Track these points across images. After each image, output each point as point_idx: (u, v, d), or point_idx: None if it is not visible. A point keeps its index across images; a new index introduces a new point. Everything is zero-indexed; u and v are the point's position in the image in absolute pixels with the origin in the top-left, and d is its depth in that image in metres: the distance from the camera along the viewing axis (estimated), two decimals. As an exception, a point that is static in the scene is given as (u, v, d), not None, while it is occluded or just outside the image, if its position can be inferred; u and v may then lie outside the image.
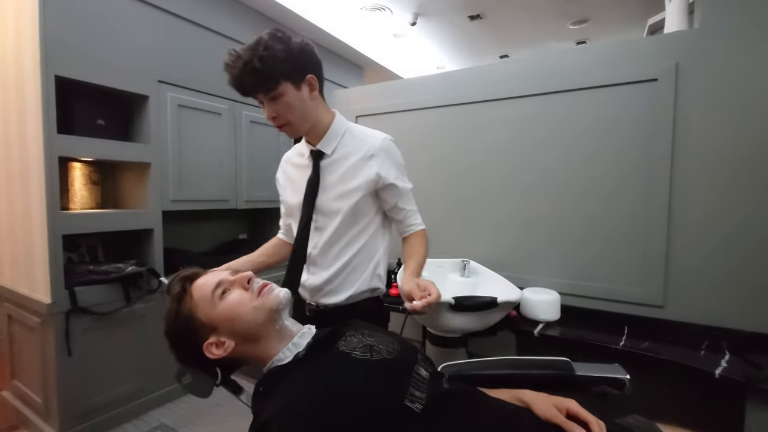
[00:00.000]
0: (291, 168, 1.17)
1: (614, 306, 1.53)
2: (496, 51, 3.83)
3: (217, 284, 0.73)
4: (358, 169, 1.04)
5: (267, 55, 0.89)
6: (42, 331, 1.81)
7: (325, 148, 1.05)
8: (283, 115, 0.97)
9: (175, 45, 2.17)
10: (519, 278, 1.68)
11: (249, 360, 0.74)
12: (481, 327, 1.43)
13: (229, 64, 0.92)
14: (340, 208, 1.04)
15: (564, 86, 1.61)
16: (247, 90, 0.94)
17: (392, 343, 0.78)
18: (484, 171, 1.82)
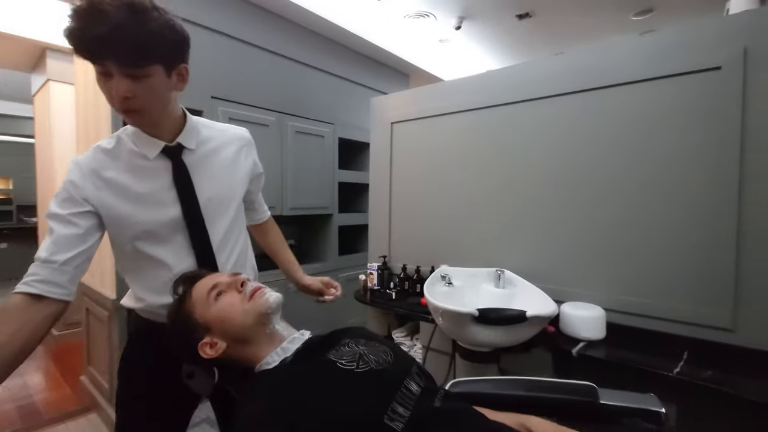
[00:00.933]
0: (118, 174, 0.84)
1: (671, 327, 1.34)
2: (549, 49, 3.62)
3: (213, 286, 0.75)
4: (237, 160, 1.00)
5: (155, 28, 0.72)
6: (109, 323, 2.02)
7: (187, 143, 0.89)
8: (141, 99, 0.76)
9: (226, 62, 2.34)
10: (559, 291, 1.54)
11: (241, 361, 0.75)
12: (512, 342, 1.33)
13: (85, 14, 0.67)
14: (229, 204, 0.96)
15: (612, 80, 1.46)
16: (104, 55, 0.70)
17: (386, 353, 0.75)
18: (523, 175, 1.71)
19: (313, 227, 3.15)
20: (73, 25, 0.68)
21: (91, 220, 0.82)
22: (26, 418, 2.14)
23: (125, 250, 0.89)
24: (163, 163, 0.87)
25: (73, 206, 0.80)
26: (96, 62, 0.71)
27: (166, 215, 0.87)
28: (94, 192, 0.82)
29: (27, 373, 2.70)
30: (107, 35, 0.67)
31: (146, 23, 0.70)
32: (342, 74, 3.09)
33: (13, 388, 2.50)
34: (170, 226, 0.87)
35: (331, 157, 3.01)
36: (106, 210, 0.83)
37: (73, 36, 0.68)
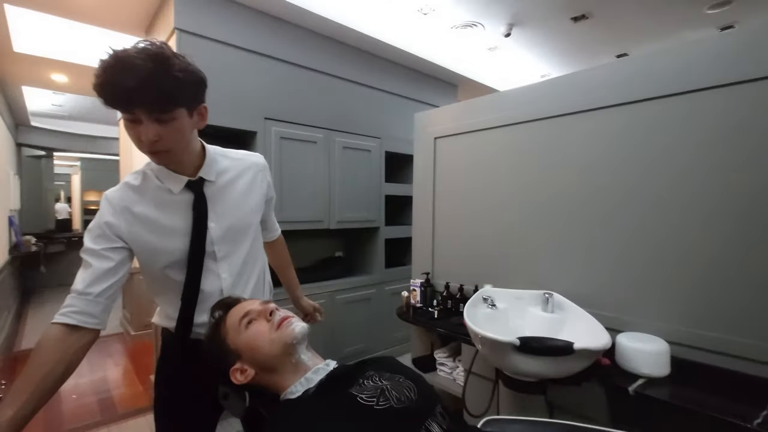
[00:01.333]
0: (146, 209, 0.90)
1: (752, 367, 1.16)
2: (611, 50, 3.39)
3: (245, 314, 0.79)
4: (253, 187, 1.06)
5: (177, 75, 0.77)
6: (173, 329, 2.20)
7: (208, 176, 0.95)
8: (167, 140, 0.81)
9: (277, 85, 2.47)
10: (616, 319, 1.41)
11: (268, 389, 0.77)
12: (559, 375, 1.24)
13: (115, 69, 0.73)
14: (247, 230, 1.03)
15: (688, 86, 1.32)
16: (134, 104, 0.76)
17: (409, 389, 0.73)
18: (575, 190, 1.60)
19: (360, 240, 3.19)
20: (103, 80, 0.73)
21: (123, 253, 0.89)
22: (105, 411, 2.39)
23: (156, 276, 0.95)
24: (187, 196, 0.92)
25: (107, 242, 0.87)
26: (126, 111, 0.77)
27: (174, 244, 0.92)
28: (127, 228, 0.89)
29: (108, 369, 3.02)
30: (137, 87, 0.73)
31: (170, 71, 0.75)
32: (388, 89, 3.12)
33: (96, 382, 2.80)
34: (176, 251, 0.92)
35: (377, 170, 3.04)
36: (138, 244, 0.90)
37: (105, 90, 0.74)
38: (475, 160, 1.95)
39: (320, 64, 2.67)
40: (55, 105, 4.99)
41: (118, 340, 3.69)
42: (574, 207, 1.60)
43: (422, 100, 3.38)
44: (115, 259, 0.87)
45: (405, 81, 3.25)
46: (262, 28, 2.37)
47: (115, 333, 3.86)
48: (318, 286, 2.70)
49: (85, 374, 2.92)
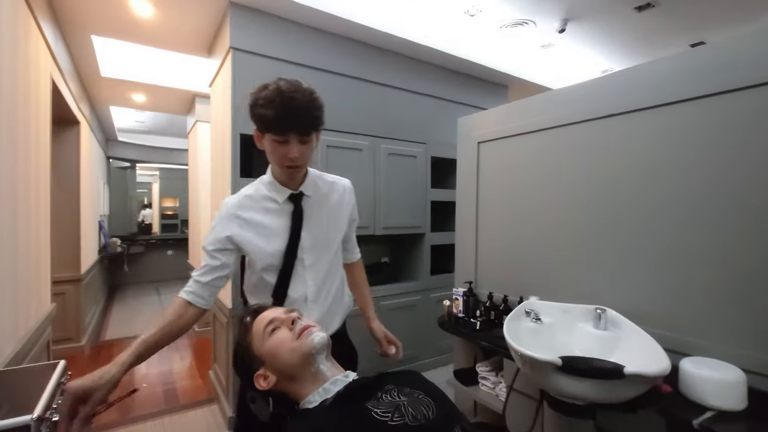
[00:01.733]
0: (255, 215, 1.09)
1: None
2: (683, 39, 3.06)
3: (270, 321, 0.81)
4: (341, 206, 1.22)
5: (320, 100, 1.01)
6: (227, 329, 2.34)
7: (307, 191, 1.13)
8: (303, 157, 1.03)
9: (324, 94, 2.50)
10: (679, 340, 1.26)
11: (290, 396, 0.79)
12: (608, 400, 1.12)
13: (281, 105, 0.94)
14: (332, 243, 1.19)
15: (756, 78, 1.16)
16: (291, 131, 0.97)
17: (427, 407, 0.70)
18: (633, 196, 1.45)
19: (406, 246, 3.18)
20: (270, 113, 0.95)
21: (230, 255, 1.09)
22: (169, 401, 2.61)
23: (255, 278, 1.14)
24: (288, 207, 1.11)
25: (219, 244, 1.08)
26: (281, 135, 0.97)
27: (274, 247, 1.10)
28: (238, 231, 1.08)
29: (174, 362, 3.29)
30: (299, 116, 0.96)
31: (316, 102, 1.00)
32: (434, 93, 3.09)
33: (163, 373, 3.07)
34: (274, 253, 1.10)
35: (423, 176, 3.01)
36: (246, 243, 1.08)
37: (271, 122, 0.96)
38: (519, 165, 1.86)
39: (365, 72, 2.72)
40: (138, 121, 5.59)
41: (186, 335, 4.01)
42: (630, 213, 1.46)
43: (470, 103, 3.30)
44: (222, 259, 1.08)
45: (451, 85, 3.20)
46: (308, 41, 2.46)
47: (182, 328, 4.19)
48: (363, 291, 2.72)
49: (155, 365, 3.21)
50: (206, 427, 2.26)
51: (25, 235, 1.73)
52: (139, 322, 4.44)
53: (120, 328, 4.24)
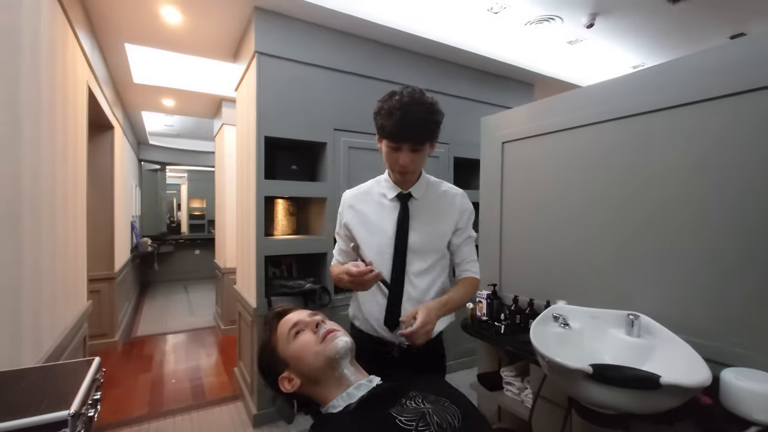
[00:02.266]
0: (365, 207, 1.21)
1: None
2: (722, 31, 2.91)
3: (294, 324, 0.81)
4: (447, 212, 1.20)
5: (438, 113, 1.06)
6: (252, 327, 2.38)
7: (416, 193, 1.18)
8: (414, 165, 1.08)
9: (345, 96, 2.56)
10: (719, 349, 1.19)
11: (313, 399, 0.79)
12: (642, 410, 1.07)
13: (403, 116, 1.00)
14: (435, 248, 1.18)
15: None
16: (406, 141, 1.03)
17: (453, 416, 0.69)
18: (668, 197, 1.39)
19: (429, 247, 3.15)
20: (388, 124, 1.02)
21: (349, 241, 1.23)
22: (196, 396, 2.68)
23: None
24: (395, 204, 1.18)
25: (342, 231, 1.26)
26: (396, 143, 1.05)
27: (386, 239, 1.16)
28: (350, 218, 1.23)
29: (201, 359, 3.38)
30: (412, 130, 1.02)
31: (434, 116, 1.04)
32: (457, 93, 3.05)
33: (190, 369, 3.16)
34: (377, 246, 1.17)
35: (446, 176, 2.98)
36: (355, 232, 1.21)
37: (388, 131, 1.03)
38: (546, 165, 1.80)
39: (387, 72, 2.71)
40: (167, 125, 5.79)
41: (211, 333, 4.12)
42: (665, 215, 1.39)
43: (494, 102, 3.24)
44: (344, 238, 1.25)
45: (475, 84, 3.15)
46: (330, 43, 2.48)
47: (208, 326, 4.31)
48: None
49: (183, 362, 3.31)
50: (231, 423, 2.31)
51: (64, 235, 1.81)
52: (169, 319, 4.59)
53: (151, 325, 4.40)
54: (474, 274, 1.25)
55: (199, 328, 4.26)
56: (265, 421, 2.29)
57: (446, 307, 1.10)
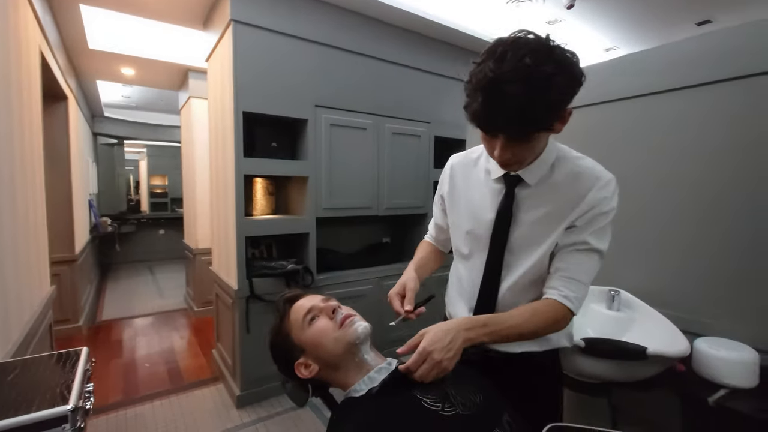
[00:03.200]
0: (466, 181, 0.97)
1: None
2: (691, 17, 3.03)
3: (308, 310, 0.80)
4: (563, 210, 0.83)
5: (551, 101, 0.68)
6: (232, 309, 2.33)
7: (528, 177, 0.84)
8: (519, 157, 0.78)
9: (328, 71, 2.47)
10: (692, 321, 1.29)
11: (333, 384, 0.79)
12: (625, 379, 1.16)
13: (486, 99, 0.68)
14: (536, 251, 0.85)
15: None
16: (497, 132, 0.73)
17: (475, 394, 0.71)
18: (647, 175, 1.46)
19: (407, 226, 3.17)
20: (472, 105, 0.71)
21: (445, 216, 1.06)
22: (174, 380, 2.62)
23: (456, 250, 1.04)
24: (499, 186, 0.89)
25: (438, 203, 1.09)
26: (488, 134, 0.75)
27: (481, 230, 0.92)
28: (448, 189, 1.02)
29: (175, 341, 3.29)
30: (506, 117, 0.69)
31: (546, 97, 0.67)
32: (439, 71, 3.02)
33: (165, 352, 3.07)
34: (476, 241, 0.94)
35: (426, 156, 2.98)
36: (448, 209, 1.03)
37: (472, 114, 0.72)
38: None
39: (368, 47, 2.63)
40: (125, 96, 5.38)
41: (183, 315, 4.00)
42: (643, 193, 1.47)
43: (473, 81, 3.23)
44: (441, 211, 1.08)
45: (455, 62, 3.12)
46: (311, 14, 2.36)
47: (179, 308, 4.18)
48: (366, 271, 2.73)
49: (155, 345, 3.21)
50: (214, 405, 2.28)
51: (24, 216, 1.67)
52: (136, 302, 4.40)
53: (116, 308, 4.21)
54: (564, 299, 0.81)
55: (170, 311, 4.12)
56: (249, 402, 2.28)
57: (484, 330, 0.75)
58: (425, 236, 1.19)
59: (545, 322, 0.80)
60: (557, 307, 0.81)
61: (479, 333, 0.74)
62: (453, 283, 1.06)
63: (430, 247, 1.15)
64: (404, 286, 0.94)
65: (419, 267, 1.05)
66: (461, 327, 0.73)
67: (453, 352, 0.69)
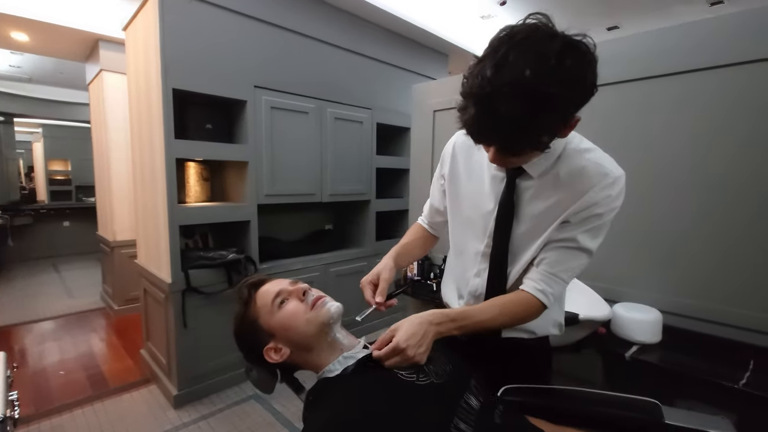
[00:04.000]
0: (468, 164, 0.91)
1: (738, 333, 1.26)
2: (602, 22, 3.38)
3: (276, 293, 0.78)
4: (565, 205, 0.78)
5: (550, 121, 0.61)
6: (166, 305, 2.16)
7: (530, 170, 0.79)
8: (513, 163, 0.76)
9: (268, 51, 2.35)
10: (611, 290, 1.49)
11: (304, 367, 0.78)
12: (560, 343, 1.30)
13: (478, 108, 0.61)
14: (535, 243, 0.82)
15: (679, 67, 1.34)
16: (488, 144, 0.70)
17: (445, 364, 0.75)
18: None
19: (351, 213, 3.18)
20: (466, 117, 0.63)
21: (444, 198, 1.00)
22: (96, 386, 2.36)
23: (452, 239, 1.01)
24: (501, 174, 0.84)
25: (437, 183, 1.02)
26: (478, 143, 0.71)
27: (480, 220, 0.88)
28: (449, 169, 0.96)
29: (94, 345, 2.96)
30: (497, 137, 0.65)
31: (540, 120, 0.60)
32: (380, 57, 3.02)
33: (82, 357, 2.75)
34: (472, 229, 0.91)
35: (369, 142, 2.99)
36: (448, 192, 0.97)
37: (464, 124, 0.65)
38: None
39: (312, 29, 2.55)
40: (13, 66, 4.58)
41: (101, 315, 3.60)
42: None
43: (413, 70, 3.30)
44: (439, 192, 1.02)
45: (396, 49, 3.15)
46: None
47: (95, 308, 3.76)
48: (311, 259, 2.69)
49: (70, 350, 2.86)
50: (148, 408, 2.12)
51: None
52: (40, 304, 3.86)
53: (14, 312, 3.64)
54: (539, 293, 0.80)
55: (84, 311, 3.68)
56: (188, 401, 2.15)
57: (454, 325, 0.75)
58: (418, 218, 1.11)
59: (514, 317, 0.81)
60: (531, 301, 0.80)
61: (449, 327, 0.75)
62: (447, 271, 1.06)
63: (421, 231, 1.08)
64: (378, 275, 0.89)
65: (400, 254, 0.98)
66: (432, 321, 0.74)
67: (424, 347, 0.71)
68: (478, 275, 0.91)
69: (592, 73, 0.62)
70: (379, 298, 0.86)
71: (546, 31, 0.60)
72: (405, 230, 2.36)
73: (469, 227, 0.92)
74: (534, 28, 0.60)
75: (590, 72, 0.61)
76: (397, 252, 0.99)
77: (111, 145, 3.29)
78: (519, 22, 0.62)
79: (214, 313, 2.22)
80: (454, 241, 0.99)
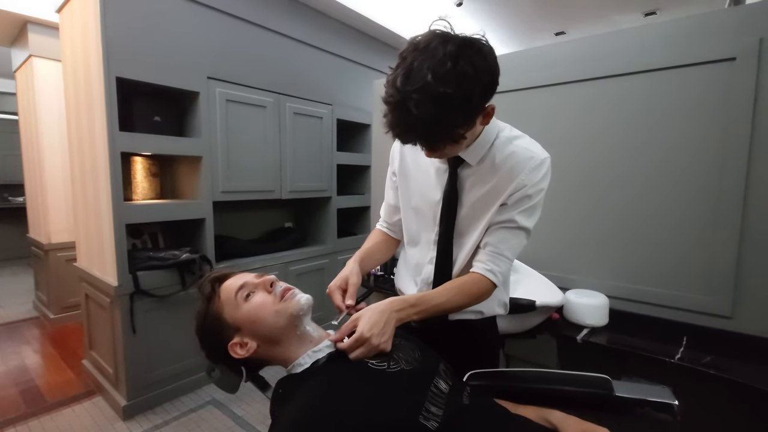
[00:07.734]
0: (415, 159, 0.97)
1: (672, 313, 1.39)
2: (551, 27, 3.57)
3: (241, 286, 0.75)
4: (501, 189, 0.86)
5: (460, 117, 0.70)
6: (111, 310, 2.01)
7: (469, 158, 0.86)
8: (447, 155, 0.83)
9: (223, 41, 2.25)
10: (563, 278, 1.58)
11: (271, 361, 0.76)
12: (518, 330, 1.37)
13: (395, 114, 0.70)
14: (478, 228, 0.89)
15: (621, 69, 1.45)
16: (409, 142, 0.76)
17: (413, 351, 0.76)
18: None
19: (312, 210, 3.13)
20: (387, 120, 0.73)
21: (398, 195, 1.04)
22: (30, 402, 2.15)
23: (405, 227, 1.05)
24: (444, 166, 0.91)
25: (390, 181, 1.07)
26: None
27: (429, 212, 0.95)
28: (399, 165, 1.01)
29: (26, 357, 2.69)
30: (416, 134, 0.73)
31: (449, 116, 0.68)
32: (340, 53, 3.00)
33: (13, 371, 2.49)
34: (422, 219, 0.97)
35: (329, 138, 2.96)
36: (399, 184, 1.02)
37: (388, 127, 0.74)
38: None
39: (270, 21, 2.48)
40: None
41: (34, 325, 3.28)
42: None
43: (374, 66, 3.30)
44: (393, 189, 1.05)
45: (356, 45, 3.14)
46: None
47: (27, 318, 3.42)
48: (271, 257, 2.62)
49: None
50: (93, 422, 1.96)
51: None
52: (-44, 317, 3.44)
53: (-74, 327, 3.23)
54: (488, 273, 0.86)
55: (14, 322, 3.33)
56: (139, 411, 2.02)
57: (414, 310, 0.79)
58: (376, 224, 1.13)
59: (469, 297, 0.86)
60: (482, 281, 0.87)
61: (409, 312, 0.79)
62: (401, 262, 1.10)
63: (382, 235, 1.09)
64: (346, 280, 0.89)
65: (364, 258, 1.00)
66: (393, 308, 0.76)
67: (388, 335, 0.73)
68: (430, 262, 0.96)
69: (489, 67, 0.69)
70: (350, 302, 0.85)
71: (443, 36, 0.68)
72: (367, 227, 2.37)
73: (420, 218, 0.99)
74: (432, 36, 0.69)
75: (487, 67, 0.68)
76: (361, 256, 0.99)
77: (43, 138, 3.00)
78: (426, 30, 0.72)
79: (166, 317, 2.10)
80: (407, 233, 1.04)
